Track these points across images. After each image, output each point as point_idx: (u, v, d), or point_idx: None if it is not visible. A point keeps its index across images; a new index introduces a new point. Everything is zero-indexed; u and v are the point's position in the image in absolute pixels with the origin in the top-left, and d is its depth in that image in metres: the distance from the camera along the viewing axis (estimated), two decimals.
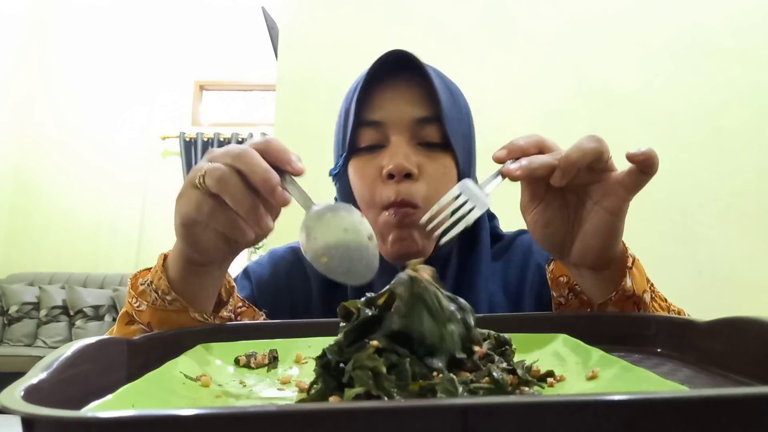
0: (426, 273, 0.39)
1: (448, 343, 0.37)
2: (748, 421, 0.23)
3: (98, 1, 5.18)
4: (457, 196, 0.53)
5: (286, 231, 0.75)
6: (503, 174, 0.52)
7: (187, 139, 5.07)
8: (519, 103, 1.97)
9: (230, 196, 0.47)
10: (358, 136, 0.71)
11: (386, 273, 0.71)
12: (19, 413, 0.24)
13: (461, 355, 0.38)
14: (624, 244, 0.59)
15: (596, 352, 0.43)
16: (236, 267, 0.78)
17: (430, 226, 0.53)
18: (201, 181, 0.48)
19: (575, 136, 0.53)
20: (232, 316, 0.63)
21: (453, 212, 0.53)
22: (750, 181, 1.91)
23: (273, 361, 0.47)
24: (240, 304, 0.65)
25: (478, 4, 2.09)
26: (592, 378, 0.39)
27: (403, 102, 0.70)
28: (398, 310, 0.37)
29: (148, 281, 0.57)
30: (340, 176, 0.74)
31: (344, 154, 0.72)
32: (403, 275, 0.38)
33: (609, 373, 0.39)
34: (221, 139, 5.05)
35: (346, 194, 0.73)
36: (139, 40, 5.18)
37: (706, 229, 1.86)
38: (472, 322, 0.39)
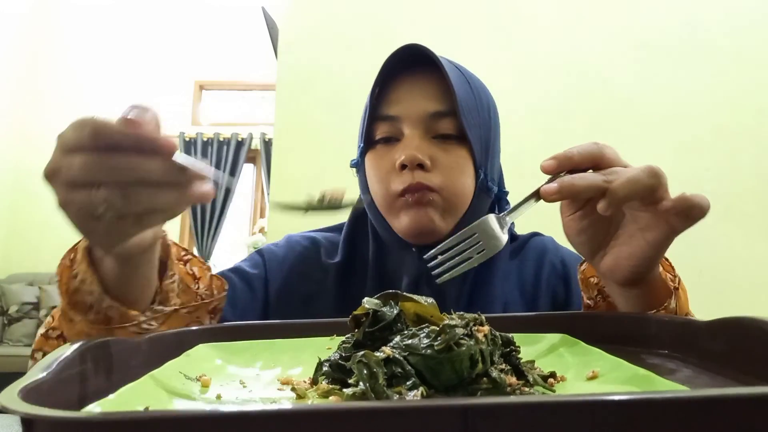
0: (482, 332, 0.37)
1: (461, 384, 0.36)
2: (748, 421, 0.23)
3: (99, 1, 5.18)
4: (472, 235, 0.51)
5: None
6: (540, 195, 0.49)
7: (187, 139, 5.07)
8: (518, 103, 1.97)
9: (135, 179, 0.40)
10: (374, 130, 0.73)
11: (400, 250, 0.73)
12: (18, 413, 0.24)
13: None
14: (670, 264, 0.56)
15: (596, 352, 0.43)
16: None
17: (432, 265, 0.51)
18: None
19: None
20: (175, 289, 0.57)
21: (464, 249, 0.51)
22: (750, 181, 1.91)
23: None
24: (197, 269, 0.62)
25: (478, 3, 2.09)
26: (592, 378, 0.39)
27: (418, 96, 0.71)
28: (426, 359, 0.35)
29: (80, 278, 0.51)
30: (359, 168, 0.76)
31: (362, 146, 0.74)
32: (459, 330, 0.36)
33: (609, 373, 0.39)
34: (221, 139, 5.05)
35: (365, 185, 0.75)
36: (139, 40, 5.17)
37: (706, 229, 1.86)
38: (496, 358, 0.38)
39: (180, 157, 0.40)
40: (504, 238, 0.51)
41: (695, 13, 2.02)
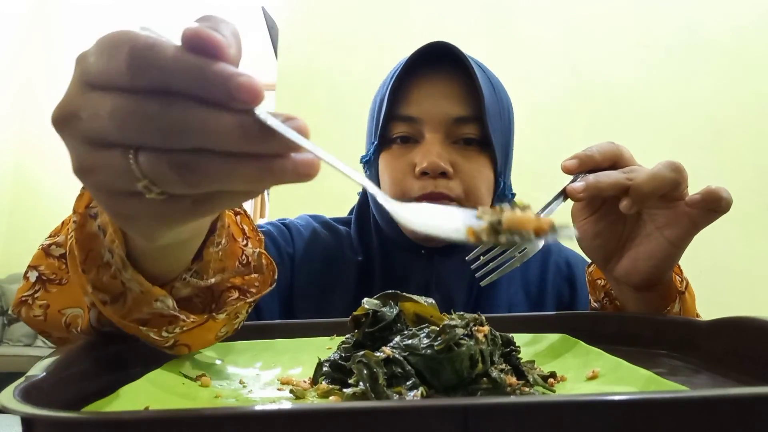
0: (482, 332, 0.37)
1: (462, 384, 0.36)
2: (748, 421, 0.23)
3: (99, 1, 5.18)
4: None
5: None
6: (567, 194, 0.49)
7: None
8: (518, 102, 1.96)
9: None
10: (390, 128, 0.69)
11: (407, 252, 0.70)
12: (18, 413, 0.24)
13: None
14: (678, 266, 0.56)
15: (596, 352, 0.43)
16: None
17: (476, 266, 0.51)
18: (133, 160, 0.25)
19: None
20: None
21: (504, 250, 0.50)
22: (750, 181, 1.91)
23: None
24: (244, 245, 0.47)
25: (478, 3, 2.09)
26: (592, 378, 0.39)
27: (441, 98, 0.67)
28: (426, 359, 0.35)
29: (99, 223, 0.37)
30: (370, 165, 0.72)
31: (375, 143, 0.70)
32: (459, 330, 0.36)
33: (609, 373, 0.39)
34: None
35: (375, 183, 0.70)
36: None
37: (706, 228, 1.86)
38: (496, 358, 0.38)
39: (264, 113, 0.25)
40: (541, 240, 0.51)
41: (696, 13, 2.02)
